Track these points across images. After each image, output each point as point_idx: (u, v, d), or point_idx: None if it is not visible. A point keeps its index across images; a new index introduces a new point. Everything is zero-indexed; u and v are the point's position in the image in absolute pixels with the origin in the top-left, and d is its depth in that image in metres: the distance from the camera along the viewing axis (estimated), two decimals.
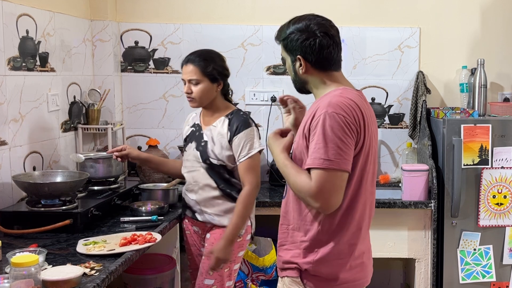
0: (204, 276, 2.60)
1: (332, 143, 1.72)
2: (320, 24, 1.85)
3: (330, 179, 1.74)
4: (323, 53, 1.84)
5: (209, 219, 2.64)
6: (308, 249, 1.85)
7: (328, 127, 1.73)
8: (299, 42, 1.84)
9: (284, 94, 2.08)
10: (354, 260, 1.86)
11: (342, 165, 1.74)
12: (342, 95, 1.80)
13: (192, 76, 2.59)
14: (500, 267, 3.17)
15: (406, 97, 3.65)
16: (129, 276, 2.89)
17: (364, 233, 1.90)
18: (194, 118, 2.79)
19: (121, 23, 3.64)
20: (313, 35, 1.83)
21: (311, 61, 1.86)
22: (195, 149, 2.66)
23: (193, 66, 2.59)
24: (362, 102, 1.85)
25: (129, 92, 3.68)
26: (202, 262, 2.63)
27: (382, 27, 3.62)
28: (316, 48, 1.83)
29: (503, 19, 3.62)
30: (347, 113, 1.75)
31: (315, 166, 1.74)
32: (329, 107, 1.75)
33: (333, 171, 1.73)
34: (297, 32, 1.85)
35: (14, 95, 2.69)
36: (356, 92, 1.89)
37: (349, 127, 1.75)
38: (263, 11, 3.65)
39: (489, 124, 3.11)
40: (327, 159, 1.72)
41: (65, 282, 1.79)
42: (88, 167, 2.99)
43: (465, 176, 3.12)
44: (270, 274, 3.26)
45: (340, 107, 1.75)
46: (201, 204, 2.65)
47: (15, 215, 2.48)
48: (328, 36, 1.84)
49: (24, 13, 2.77)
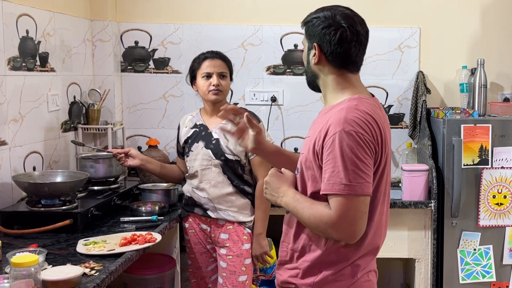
0: (238, 274, 2.69)
1: (352, 166, 1.55)
2: (347, 16, 1.69)
3: (353, 206, 1.56)
4: (341, 47, 1.67)
5: (224, 216, 2.69)
6: (309, 270, 1.71)
7: (346, 147, 1.55)
8: (319, 28, 1.68)
9: (221, 109, 1.91)
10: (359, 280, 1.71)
11: (365, 189, 1.57)
12: (358, 107, 1.62)
13: (223, 69, 2.69)
14: (500, 267, 3.17)
15: (406, 97, 3.65)
16: (129, 276, 2.89)
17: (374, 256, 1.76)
18: (192, 119, 2.81)
19: (121, 23, 3.64)
20: (336, 24, 1.67)
21: (326, 52, 1.68)
22: (204, 148, 2.70)
23: (221, 61, 2.70)
24: (377, 113, 1.67)
25: (129, 92, 3.68)
26: (232, 262, 2.68)
27: (382, 27, 3.62)
28: (335, 39, 1.66)
29: (503, 19, 3.62)
30: (365, 130, 1.58)
31: (335, 192, 1.56)
32: (345, 124, 1.57)
33: (355, 197, 1.56)
34: (322, 18, 1.69)
35: (14, 95, 2.69)
36: (372, 100, 1.71)
37: (368, 146, 1.58)
38: (263, 11, 3.65)
39: (489, 124, 3.11)
40: (348, 184, 1.55)
41: (65, 282, 1.79)
42: (88, 167, 2.99)
43: (465, 176, 3.12)
44: (270, 274, 3.26)
45: (357, 123, 1.58)
46: (214, 201, 2.69)
47: (15, 215, 2.48)
48: (352, 31, 1.67)
49: (24, 13, 2.77)
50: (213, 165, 2.68)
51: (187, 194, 2.79)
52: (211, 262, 2.83)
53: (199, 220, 2.78)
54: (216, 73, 2.66)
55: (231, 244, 2.71)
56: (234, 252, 2.70)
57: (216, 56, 2.71)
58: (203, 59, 2.71)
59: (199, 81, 2.71)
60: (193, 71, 2.75)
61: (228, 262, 2.70)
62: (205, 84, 2.67)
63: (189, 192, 2.77)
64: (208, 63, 2.68)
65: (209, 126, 2.74)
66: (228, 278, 2.69)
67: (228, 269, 2.70)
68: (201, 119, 2.78)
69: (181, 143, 2.85)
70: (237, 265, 2.69)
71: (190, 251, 2.83)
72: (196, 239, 2.80)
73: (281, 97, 3.66)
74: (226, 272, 2.71)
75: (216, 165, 2.68)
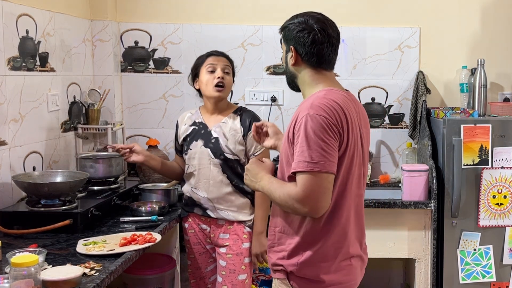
0: (238, 272, 2.70)
1: (315, 145, 1.71)
2: (319, 20, 1.87)
3: (316, 182, 1.72)
4: (314, 48, 1.85)
5: (224, 216, 2.69)
6: (293, 251, 1.86)
7: (310, 129, 1.72)
8: (294, 33, 1.87)
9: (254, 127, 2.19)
10: (340, 263, 1.86)
11: (328, 167, 1.72)
12: (326, 96, 1.79)
13: (227, 65, 2.72)
14: (500, 267, 3.17)
15: (406, 97, 3.65)
16: (129, 276, 2.89)
17: (352, 238, 1.88)
18: (191, 117, 2.80)
19: (121, 23, 3.64)
20: (308, 28, 1.85)
21: (301, 53, 1.87)
22: (203, 147, 2.69)
23: (226, 59, 2.74)
24: (347, 103, 1.83)
25: (129, 92, 3.68)
26: (231, 261, 2.69)
27: (382, 27, 3.62)
28: (308, 41, 1.85)
29: (503, 19, 3.62)
30: (329, 114, 1.73)
31: (299, 169, 1.72)
32: (310, 109, 1.74)
33: (318, 174, 1.71)
34: (296, 23, 1.88)
35: (14, 95, 2.69)
36: (343, 93, 1.87)
37: (331, 129, 1.73)
38: (263, 11, 3.65)
39: (489, 124, 3.11)
40: (312, 162, 1.70)
41: (65, 282, 1.79)
42: (88, 167, 2.99)
43: (465, 176, 3.12)
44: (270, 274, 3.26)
45: (321, 108, 1.74)
46: (214, 201, 2.69)
47: (15, 215, 2.48)
48: (323, 33, 1.85)
49: (24, 13, 2.77)
50: (213, 164, 2.67)
51: (187, 194, 2.79)
52: (211, 262, 2.83)
53: (199, 220, 2.77)
54: (220, 66, 2.69)
55: (231, 243, 2.70)
56: (234, 251, 2.70)
57: (220, 54, 2.75)
58: (208, 55, 2.74)
59: (202, 76, 2.70)
60: (197, 67, 2.75)
61: (227, 261, 2.70)
62: (210, 78, 2.66)
63: (189, 192, 2.76)
64: (212, 58, 2.71)
65: (209, 125, 2.73)
66: (227, 276, 2.69)
67: (228, 267, 2.70)
68: (200, 117, 2.77)
69: (179, 140, 2.83)
70: (237, 264, 2.69)
71: (190, 251, 2.83)
72: (195, 239, 2.80)
73: (281, 97, 3.66)
74: (225, 270, 2.71)
75: (215, 164, 2.67)
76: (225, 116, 2.73)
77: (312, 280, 1.85)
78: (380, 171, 3.71)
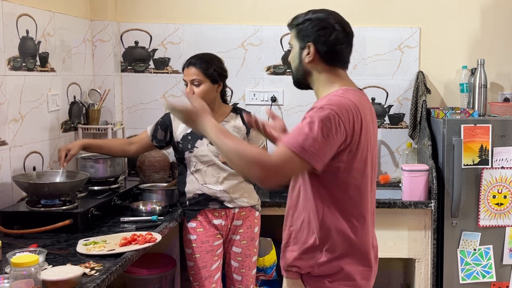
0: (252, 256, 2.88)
1: (314, 134, 1.65)
2: (340, 19, 1.84)
3: (294, 164, 1.66)
4: (336, 48, 1.81)
5: (239, 203, 2.82)
6: (310, 252, 1.81)
7: (317, 118, 1.66)
8: (314, 29, 1.80)
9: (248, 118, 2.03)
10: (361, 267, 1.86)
11: (313, 161, 1.66)
12: (343, 95, 1.74)
13: (195, 76, 2.74)
14: (500, 267, 3.17)
15: (406, 97, 3.65)
16: (129, 276, 2.89)
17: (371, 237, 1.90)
18: None
19: (121, 23, 3.64)
20: (331, 26, 1.80)
21: (321, 51, 1.81)
22: (210, 145, 2.74)
23: (195, 68, 2.75)
24: (363, 105, 1.78)
25: (129, 92, 3.68)
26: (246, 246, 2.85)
27: (382, 27, 3.62)
28: (331, 40, 1.80)
29: (503, 19, 3.62)
30: (342, 112, 1.68)
31: (289, 146, 1.66)
32: (326, 103, 1.70)
33: (301, 160, 1.65)
34: (316, 20, 1.81)
35: (14, 95, 2.69)
36: (359, 93, 1.84)
37: (338, 128, 1.67)
38: (263, 11, 3.65)
39: (489, 124, 3.11)
40: (303, 148, 1.64)
41: (65, 282, 1.79)
42: (88, 167, 2.99)
43: (465, 176, 3.12)
44: (270, 274, 3.26)
45: (337, 105, 1.69)
46: (230, 191, 2.79)
47: (15, 215, 2.48)
48: (345, 33, 1.82)
49: (24, 13, 2.77)
50: (221, 160, 2.76)
51: (197, 192, 2.78)
52: (215, 260, 2.83)
53: (211, 216, 2.80)
54: (189, 81, 2.76)
55: (244, 230, 2.83)
56: (248, 236, 2.85)
57: (190, 64, 2.77)
58: (183, 68, 2.81)
59: None
60: None
61: (242, 247, 2.85)
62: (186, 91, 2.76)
63: (199, 190, 2.77)
64: (185, 72, 2.79)
65: None
66: (243, 261, 2.87)
67: (243, 253, 2.86)
68: None
69: (176, 136, 2.83)
70: (251, 248, 2.87)
71: (195, 251, 2.81)
72: (204, 237, 2.80)
73: (281, 97, 3.66)
74: (241, 256, 2.86)
75: (223, 161, 2.74)
76: (226, 116, 2.82)
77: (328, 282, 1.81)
78: (380, 171, 3.71)
